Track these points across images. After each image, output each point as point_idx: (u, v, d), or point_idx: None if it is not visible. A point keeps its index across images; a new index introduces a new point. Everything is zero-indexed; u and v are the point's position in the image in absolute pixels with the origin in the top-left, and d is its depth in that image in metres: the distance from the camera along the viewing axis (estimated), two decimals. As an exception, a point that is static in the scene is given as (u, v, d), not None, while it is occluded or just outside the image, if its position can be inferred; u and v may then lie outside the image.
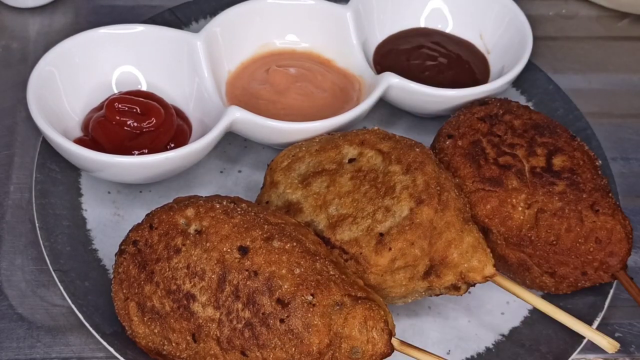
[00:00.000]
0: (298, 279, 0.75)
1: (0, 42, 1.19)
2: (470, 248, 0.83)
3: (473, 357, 0.87)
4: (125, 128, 0.96)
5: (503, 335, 0.89)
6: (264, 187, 0.93)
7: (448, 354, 0.87)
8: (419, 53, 1.13)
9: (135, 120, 0.96)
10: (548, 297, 0.91)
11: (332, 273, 0.76)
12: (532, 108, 1.02)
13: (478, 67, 1.13)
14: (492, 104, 0.99)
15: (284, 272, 0.75)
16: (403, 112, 1.10)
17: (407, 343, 0.76)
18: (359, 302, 0.75)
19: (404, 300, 0.86)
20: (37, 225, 0.92)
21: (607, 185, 0.91)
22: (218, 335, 0.75)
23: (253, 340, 0.74)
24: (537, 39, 1.10)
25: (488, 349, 0.88)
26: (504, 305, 0.92)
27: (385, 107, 1.09)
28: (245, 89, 1.05)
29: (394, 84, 1.01)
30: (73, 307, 0.85)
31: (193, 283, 0.77)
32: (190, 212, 0.80)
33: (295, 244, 0.77)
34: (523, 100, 1.12)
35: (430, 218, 0.82)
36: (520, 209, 0.88)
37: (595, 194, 0.88)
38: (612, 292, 0.90)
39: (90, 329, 0.83)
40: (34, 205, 0.93)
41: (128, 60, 1.05)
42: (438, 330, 0.89)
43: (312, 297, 0.74)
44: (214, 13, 1.13)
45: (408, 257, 0.81)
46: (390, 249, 0.81)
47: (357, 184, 0.87)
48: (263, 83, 1.06)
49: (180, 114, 1.02)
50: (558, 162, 0.91)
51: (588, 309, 0.90)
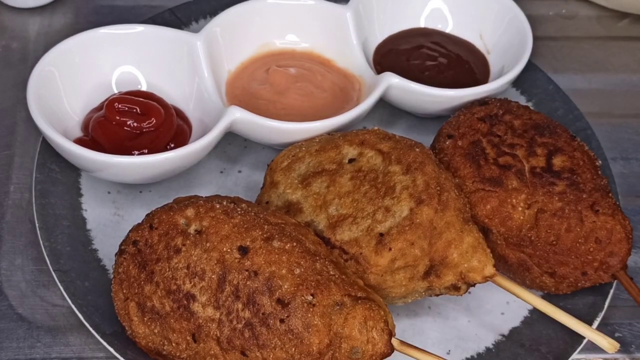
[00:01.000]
0: (298, 279, 0.75)
1: (0, 42, 1.19)
2: (470, 248, 0.83)
3: (473, 357, 0.87)
4: (125, 128, 0.96)
5: (503, 335, 0.89)
6: (264, 187, 0.93)
7: (448, 354, 0.87)
8: (419, 53, 1.13)
9: (135, 121, 0.96)
10: (548, 297, 0.91)
11: (332, 273, 0.76)
12: (532, 108, 1.02)
13: (478, 67, 1.13)
14: (492, 104, 0.99)
15: (284, 272, 0.75)
16: (403, 112, 1.10)
17: (407, 343, 0.77)
18: (359, 302, 0.75)
19: (404, 301, 0.86)
20: (37, 225, 0.92)
21: (607, 185, 0.91)
22: (218, 335, 0.75)
23: (253, 340, 0.74)
24: (537, 39, 1.10)
25: (488, 349, 0.88)
26: (504, 305, 0.92)
27: (385, 107, 1.09)
28: (245, 89, 1.05)
29: (394, 84, 1.01)
30: (73, 307, 0.85)
31: (193, 283, 0.77)
32: (190, 212, 0.80)
33: (295, 244, 0.77)
34: (523, 100, 1.12)
35: (430, 218, 0.82)
36: (520, 209, 0.88)
37: (595, 194, 0.88)
38: (612, 292, 0.90)
39: (90, 329, 0.83)
40: (34, 205, 0.93)
41: (128, 60, 1.05)
42: (438, 330, 0.89)
43: (312, 297, 0.74)
44: (214, 13, 1.13)
45: (408, 257, 0.81)
46: (390, 249, 0.81)
47: (357, 184, 0.87)
48: (263, 83, 1.06)
49: (180, 114, 1.02)
50: (558, 162, 0.91)
51: (588, 309, 0.90)
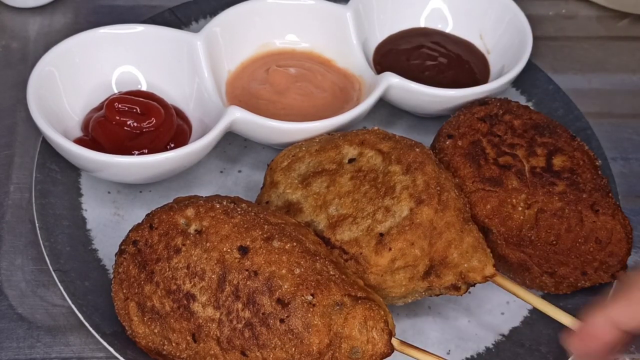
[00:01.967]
0: (298, 279, 0.75)
1: (0, 42, 1.19)
2: (470, 248, 0.83)
3: (473, 357, 0.87)
4: (125, 128, 0.96)
5: (503, 335, 0.89)
6: (264, 187, 0.93)
7: (448, 354, 0.87)
8: (419, 53, 1.13)
9: (135, 120, 0.96)
10: (548, 297, 0.91)
11: (332, 273, 0.76)
12: (532, 108, 1.02)
13: (478, 67, 1.13)
14: (492, 104, 0.99)
15: (284, 272, 0.75)
16: (403, 112, 1.10)
17: (407, 343, 0.77)
18: (359, 302, 0.75)
19: (404, 300, 0.86)
20: (37, 225, 0.92)
21: (607, 185, 0.91)
22: (218, 335, 0.75)
23: (253, 340, 0.74)
24: (537, 39, 1.10)
25: (488, 349, 0.88)
26: (504, 305, 0.92)
27: (385, 107, 1.09)
28: (245, 89, 1.05)
29: (394, 84, 1.01)
30: (73, 307, 0.85)
31: (193, 283, 0.77)
32: (191, 212, 0.80)
33: (296, 244, 0.77)
34: (523, 100, 1.12)
35: (430, 218, 0.82)
36: (520, 209, 0.88)
37: (595, 194, 0.88)
38: (612, 292, 0.90)
39: (90, 329, 0.83)
40: (34, 205, 0.93)
41: (128, 60, 1.05)
42: (438, 330, 0.89)
43: (312, 297, 0.74)
44: (214, 13, 1.13)
45: (408, 257, 0.81)
46: (390, 249, 0.81)
47: (357, 184, 0.87)
48: (263, 83, 1.06)
49: (180, 114, 1.02)
50: (558, 162, 0.91)
51: (588, 309, 0.89)
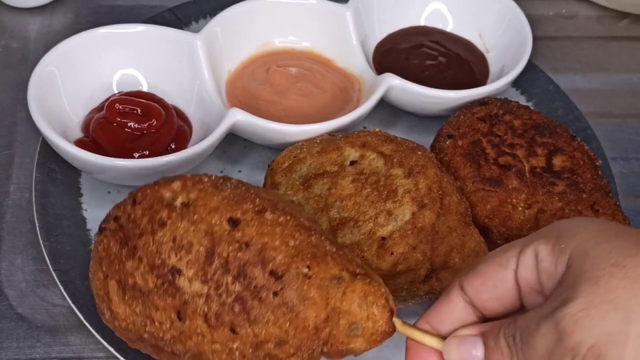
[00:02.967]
0: (293, 251, 0.69)
1: (0, 42, 1.19)
2: (472, 252, 0.83)
3: (473, 357, 0.87)
4: (126, 130, 0.96)
5: (503, 336, 0.89)
6: (265, 187, 0.93)
7: (448, 354, 0.87)
8: (419, 52, 1.13)
9: (136, 122, 0.96)
10: (548, 297, 0.91)
11: (328, 248, 0.71)
12: (532, 108, 1.02)
13: (478, 66, 1.13)
14: (492, 104, 0.99)
15: (278, 243, 0.69)
16: (403, 112, 1.10)
17: (408, 324, 0.72)
18: (358, 277, 0.70)
19: (404, 304, 0.86)
20: (37, 225, 0.92)
21: (607, 185, 0.91)
22: (205, 312, 0.70)
23: (244, 315, 0.69)
24: (537, 39, 1.10)
25: (488, 349, 0.88)
26: (504, 306, 0.92)
27: (386, 107, 1.09)
28: (246, 89, 1.05)
29: (395, 85, 1.01)
30: (73, 307, 0.85)
31: (179, 257, 0.71)
32: (177, 185, 0.74)
33: (290, 218, 0.71)
34: (523, 100, 1.12)
35: (433, 222, 0.82)
36: (521, 209, 0.88)
37: (595, 194, 0.88)
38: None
39: (90, 329, 0.84)
40: (34, 205, 0.93)
41: (128, 61, 1.04)
42: (438, 331, 0.89)
43: (307, 269, 0.68)
44: (214, 13, 1.13)
45: (410, 261, 0.81)
46: (392, 253, 0.81)
47: (358, 187, 0.86)
48: (263, 83, 1.06)
49: (181, 115, 1.02)
50: (558, 162, 0.91)
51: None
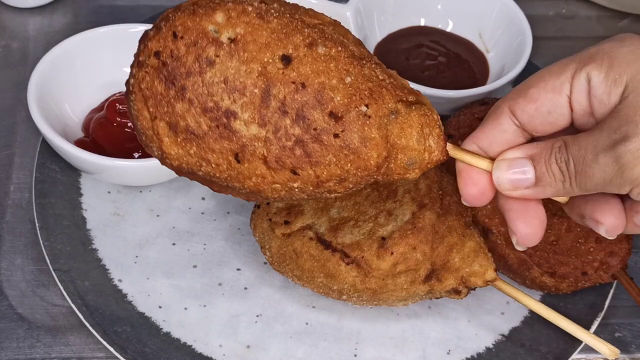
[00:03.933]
0: (350, 89, 0.67)
1: (0, 42, 1.19)
2: (472, 252, 0.83)
3: (473, 357, 0.87)
4: (126, 130, 0.96)
5: (503, 335, 0.89)
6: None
7: (448, 354, 0.87)
8: (419, 52, 1.13)
9: (136, 121, 0.96)
10: (548, 297, 0.91)
11: (381, 78, 0.69)
12: (532, 108, 1.02)
13: (477, 66, 1.13)
14: (492, 104, 0.99)
15: (335, 82, 0.67)
16: (403, 112, 1.10)
17: (460, 147, 0.71)
18: (413, 107, 0.68)
19: (404, 303, 0.86)
20: (37, 225, 0.92)
21: (607, 185, 0.91)
22: (265, 155, 0.68)
23: (305, 158, 0.67)
24: (537, 39, 1.10)
25: (488, 349, 0.88)
26: (504, 305, 0.92)
27: (385, 107, 1.09)
28: (246, 89, 1.05)
29: (394, 84, 1.01)
30: (73, 307, 0.85)
31: (233, 99, 0.67)
32: (220, 17, 0.69)
33: (341, 49, 0.68)
34: (523, 100, 1.12)
35: (433, 222, 0.82)
36: (521, 209, 0.88)
37: (595, 194, 0.88)
38: (612, 292, 0.90)
39: (91, 329, 0.84)
40: (34, 205, 0.93)
41: (128, 61, 1.04)
42: (438, 330, 0.89)
43: (366, 107, 0.67)
44: (214, 13, 1.13)
45: (410, 261, 0.81)
46: (392, 253, 0.81)
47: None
48: (263, 82, 1.05)
49: (181, 114, 1.02)
50: (558, 162, 0.91)
51: (588, 309, 0.90)
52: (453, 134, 0.95)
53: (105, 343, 0.82)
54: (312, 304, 0.90)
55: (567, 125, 0.66)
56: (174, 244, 0.94)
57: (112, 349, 0.82)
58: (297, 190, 0.69)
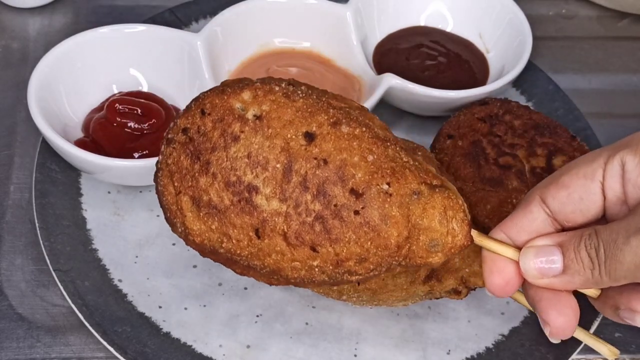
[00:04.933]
0: (372, 167, 0.67)
1: (0, 42, 1.19)
2: (472, 252, 0.82)
3: (473, 357, 0.87)
4: (126, 130, 0.96)
5: (503, 335, 0.89)
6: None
7: (448, 354, 0.87)
8: (419, 52, 1.13)
9: (136, 122, 0.96)
10: (548, 297, 0.91)
11: (405, 160, 0.69)
12: (532, 108, 1.02)
13: (477, 66, 1.13)
14: (492, 104, 0.99)
15: (357, 159, 0.68)
16: (403, 112, 1.10)
17: (485, 235, 0.71)
18: (437, 190, 0.68)
19: (404, 304, 0.86)
20: (37, 225, 0.92)
21: (607, 186, 0.91)
22: (285, 230, 0.68)
23: (325, 235, 0.67)
24: (537, 39, 1.10)
25: (488, 349, 0.88)
26: (504, 305, 0.92)
27: (386, 107, 1.09)
28: (246, 89, 1.05)
29: (394, 86, 1.01)
30: (73, 307, 0.85)
31: (255, 174, 0.69)
32: (247, 95, 0.71)
33: (365, 129, 0.69)
34: (523, 100, 1.12)
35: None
36: (520, 209, 0.88)
37: (595, 194, 0.88)
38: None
39: (91, 329, 0.84)
40: (34, 205, 0.93)
41: (128, 61, 1.05)
42: (438, 330, 0.89)
43: (387, 186, 0.67)
44: (214, 13, 1.13)
45: (409, 260, 0.81)
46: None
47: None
48: (263, 83, 1.06)
49: (181, 114, 1.02)
50: (558, 162, 0.91)
51: (588, 309, 0.89)
52: (453, 134, 0.95)
53: (105, 343, 0.82)
54: (312, 304, 0.90)
55: (599, 215, 0.64)
56: (174, 244, 0.94)
57: (112, 349, 0.82)
58: (317, 270, 0.69)
